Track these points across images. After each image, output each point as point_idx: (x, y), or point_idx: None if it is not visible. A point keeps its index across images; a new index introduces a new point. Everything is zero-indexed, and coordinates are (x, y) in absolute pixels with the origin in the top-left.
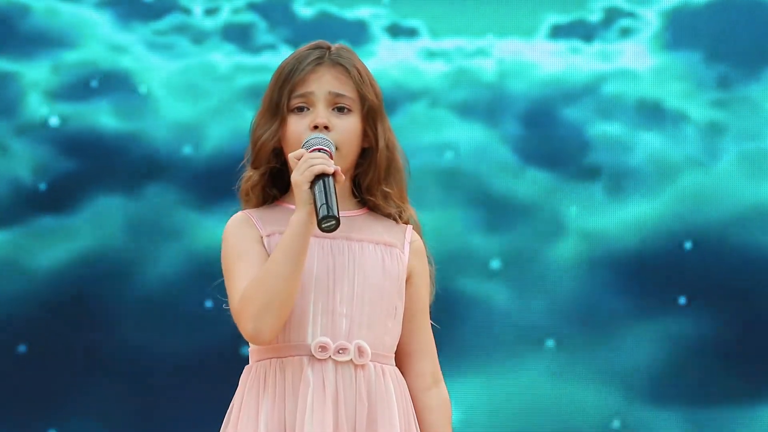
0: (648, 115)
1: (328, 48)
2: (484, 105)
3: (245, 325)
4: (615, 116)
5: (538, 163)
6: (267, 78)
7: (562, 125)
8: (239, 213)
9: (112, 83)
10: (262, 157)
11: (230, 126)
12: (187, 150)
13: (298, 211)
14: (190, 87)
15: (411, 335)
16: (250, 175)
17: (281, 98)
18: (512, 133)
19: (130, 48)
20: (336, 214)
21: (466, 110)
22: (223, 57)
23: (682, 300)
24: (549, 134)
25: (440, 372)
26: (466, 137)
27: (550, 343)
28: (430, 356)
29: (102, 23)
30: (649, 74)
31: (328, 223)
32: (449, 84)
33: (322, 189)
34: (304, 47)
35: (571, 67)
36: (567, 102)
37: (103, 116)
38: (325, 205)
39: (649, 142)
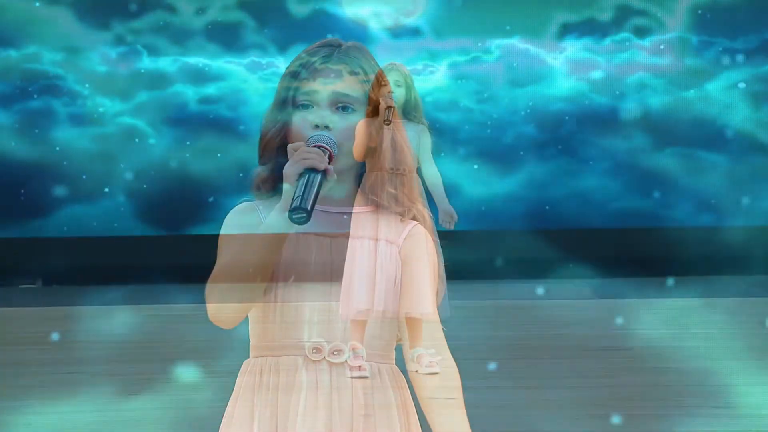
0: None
1: (338, 46)
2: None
3: (209, 307)
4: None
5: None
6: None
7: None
8: (245, 202)
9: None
10: (270, 153)
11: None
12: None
13: (282, 201)
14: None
15: (410, 316)
16: (259, 171)
17: (288, 95)
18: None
19: (86, 50)
20: (308, 207)
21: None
22: (203, 60)
23: None
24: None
25: (448, 352)
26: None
27: None
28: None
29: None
30: (685, 81)
31: (298, 214)
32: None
33: (305, 182)
34: (315, 44)
35: (593, 75)
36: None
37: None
38: (300, 197)
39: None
